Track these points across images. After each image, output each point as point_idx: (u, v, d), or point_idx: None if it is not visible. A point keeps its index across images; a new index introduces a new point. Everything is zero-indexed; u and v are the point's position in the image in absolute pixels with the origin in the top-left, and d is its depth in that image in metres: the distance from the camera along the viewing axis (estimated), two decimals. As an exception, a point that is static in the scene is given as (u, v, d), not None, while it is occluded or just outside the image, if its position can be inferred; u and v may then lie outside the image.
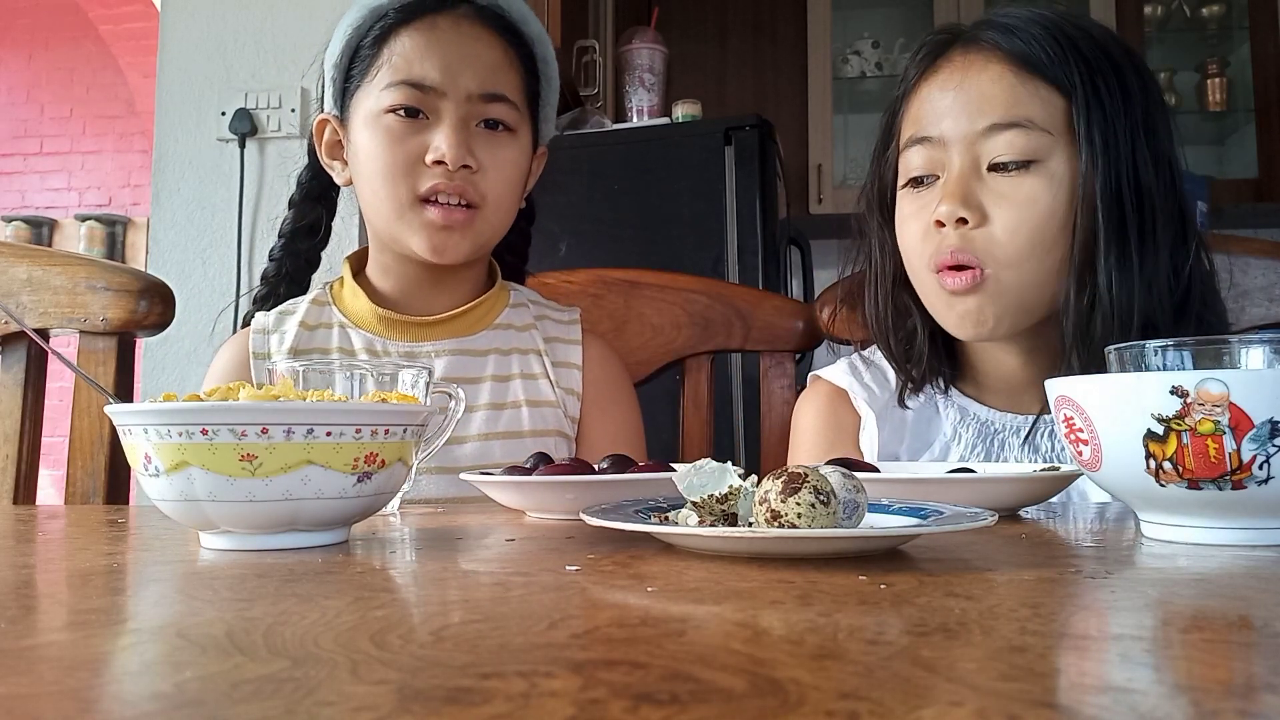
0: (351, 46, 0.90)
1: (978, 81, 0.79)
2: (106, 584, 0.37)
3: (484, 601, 0.32)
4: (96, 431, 0.94)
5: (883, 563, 0.39)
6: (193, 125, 1.94)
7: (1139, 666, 0.24)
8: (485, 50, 0.89)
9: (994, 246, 0.77)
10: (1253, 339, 0.50)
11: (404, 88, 0.86)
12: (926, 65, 0.83)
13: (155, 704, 0.21)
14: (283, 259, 1.00)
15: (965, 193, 0.77)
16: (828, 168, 2.98)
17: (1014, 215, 0.77)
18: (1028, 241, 0.77)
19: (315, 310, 0.94)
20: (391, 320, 0.92)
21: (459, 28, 0.88)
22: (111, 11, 4.45)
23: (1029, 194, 0.77)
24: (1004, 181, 0.77)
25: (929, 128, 0.80)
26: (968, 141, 0.78)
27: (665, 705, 0.20)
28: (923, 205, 0.80)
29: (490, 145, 0.88)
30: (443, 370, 0.91)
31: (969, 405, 0.86)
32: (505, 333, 0.95)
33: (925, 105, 0.81)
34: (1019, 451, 0.82)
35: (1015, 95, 0.77)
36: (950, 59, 0.82)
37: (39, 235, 4.75)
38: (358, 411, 0.45)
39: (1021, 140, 0.77)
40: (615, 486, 0.56)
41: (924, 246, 0.80)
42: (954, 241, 0.77)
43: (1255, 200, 2.87)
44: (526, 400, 0.92)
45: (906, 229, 0.83)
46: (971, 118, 0.78)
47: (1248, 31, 2.95)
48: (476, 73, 0.87)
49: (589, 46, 2.40)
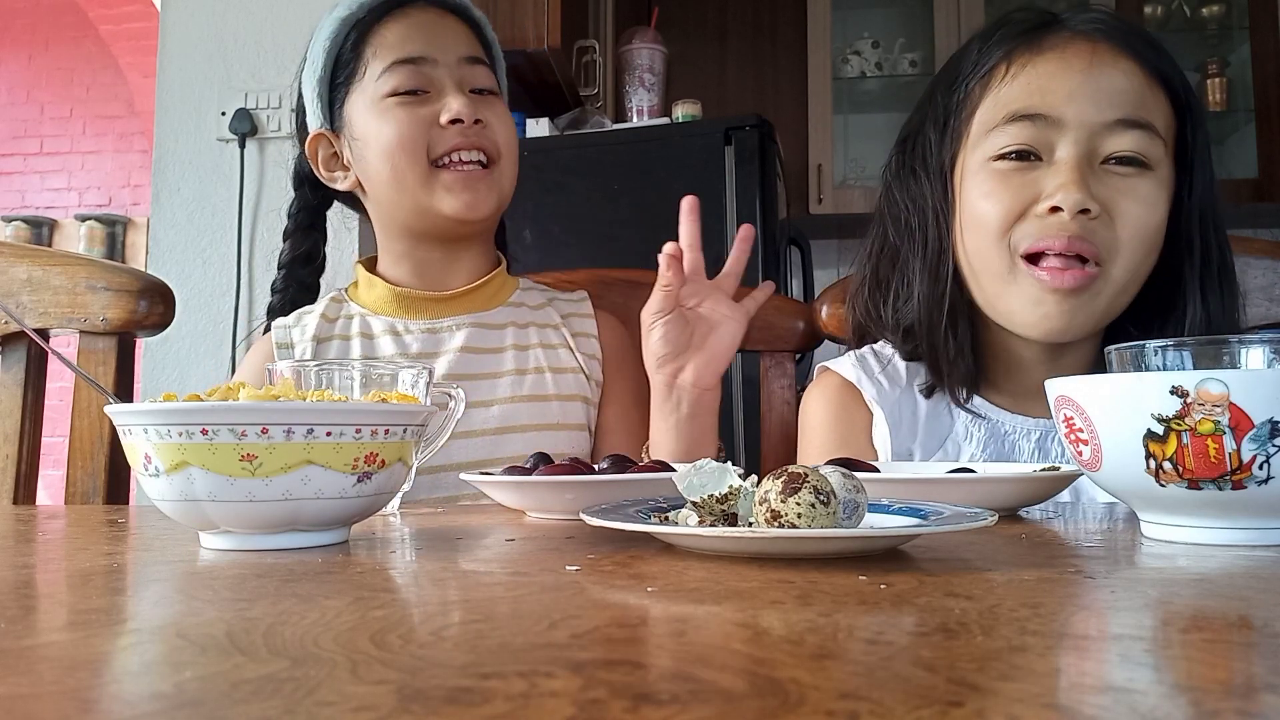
0: (333, 57, 0.96)
1: (1109, 73, 0.75)
2: (106, 584, 0.37)
3: (484, 601, 0.32)
4: (96, 431, 0.94)
5: (883, 563, 0.39)
6: (193, 125, 1.94)
7: (1139, 666, 0.24)
8: (455, 24, 0.97)
9: (1114, 242, 0.74)
10: (1253, 339, 0.50)
11: (398, 67, 0.92)
12: (1025, 41, 0.78)
13: (155, 704, 0.21)
14: (285, 289, 1.05)
15: (1087, 182, 0.73)
16: (828, 168, 2.98)
17: (1136, 214, 0.74)
18: (1142, 244, 0.75)
19: (334, 306, 1.00)
20: (410, 299, 0.97)
21: (427, 12, 0.96)
22: (111, 11, 4.45)
23: (1148, 194, 0.74)
24: (1118, 178, 0.74)
25: (1043, 105, 0.75)
26: (1090, 129, 0.74)
27: (665, 705, 0.20)
28: (1024, 184, 0.75)
29: (486, 106, 0.94)
30: (463, 340, 0.95)
31: (980, 405, 0.84)
32: (520, 310, 1.01)
33: (1039, 81, 0.76)
34: (1029, 456, 0.81)
35: (1143, 97, 0.75)
36: (1064, 40, 0.77)
37: (39, 235, 4.75)
38: (358, 411, 0.45)
39: (1145, 142, 0.74)
40: (615, 486, 0.57)
41: (1015, 230, 0.75)
42: (1075, 228, 0.72)
43: (1255, 200, 2.87)
44: (550, 366, 0.97)
45: (989, 203, 0.77)
46: (1100, 107, 0.74)
47: (1248, 31, 2.95)
48: (459, 41, 0.95)
49: (589, 46, 2.40)
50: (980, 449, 0.82)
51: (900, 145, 0.88)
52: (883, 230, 0.87)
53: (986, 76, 0.79)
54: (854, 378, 0.87)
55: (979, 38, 0.82)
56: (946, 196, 0.82)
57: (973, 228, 0.78)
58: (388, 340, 0.96)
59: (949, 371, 0.82)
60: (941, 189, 0.82)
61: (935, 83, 0.86)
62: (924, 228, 0.83)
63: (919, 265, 0.83)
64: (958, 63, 0.83)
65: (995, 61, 0.79)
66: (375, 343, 0.96)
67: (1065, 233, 0.73)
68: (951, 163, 0.82)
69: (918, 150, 0.85)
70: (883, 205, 0.88)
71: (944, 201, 0.82)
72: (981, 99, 0.79)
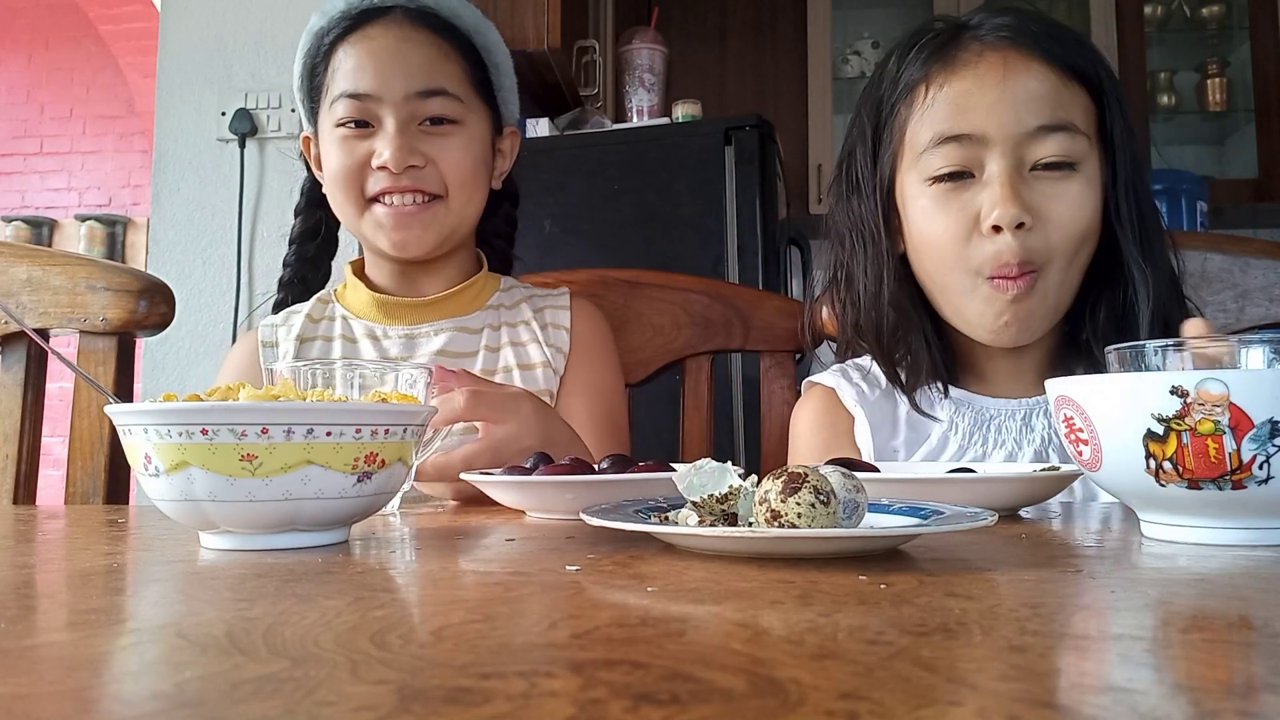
0: (307, 69, 0.96)
1: (1023, 81, 0.77)
2: (106, 584, 0.37)
3: (484, 601, 0.32)
4: (96, 431, 0.94)
5: (883, 563, 0.39)
6: (193, 125, 1.94)
7: (1139, 666, 0.24)
8: (416, 49, 0.93)
9: (1049, 249, 0.76)
10: (1253, 339, 0.50)
11: (344, 100, 0.91)
12: (940, 59, 0.80)
13: (155, 704, 0.21)
14: (295, 264, 1.06)
15: (1020, 195, 0.76)
16: (828, 168, 2.97)
17: (1066, 217, 0.76)
18: (1074, 244, 0.77)
19: (320, 307, 1.01)
20: (389, 305, 0.98)
21: (389, 33, 0.92)
22: (111, 11, 4.45)
23: (1075, 196, 0.77)
24: (1047, 184, 0.77)
25: (966, 125, 0.77)
26: (1014, 142, 0.76)
27: (665, 705, 0.20)
28: (962, 205, 0.78)
29: (436, 141, 0.92)
30: (440, 345, 0.96)
31: (962, 394, 0.86)
32: (497, 311, 1.01)
33: (959, 100, 0.78)
34: (1016, 434, 0.83)
35: (1060, 97, 0.77)
36: (976, 55, 0.79)
37: (39, 235, 4.75)
38: (358, 411, 0.45)
39: (1068, 143, 0.76)
40: (615, 486, 0.56)
41: (968, 250, 0.78)
42: (1018, 249, 0.75)
43: (1255, 200, 2.87)
44: (518, 364, 0.97)
45: (935, 227, 0.79)
46: (1019, 117, 0.76)
47: (1248, 31, 2.95)
48: (411, 73, 0.91)
49: (589, 46, 2.40)
50: (967, 439, 0.84)
51: (838, 167, 0.90)
52: (836, 247, 0.90)
53: (909, 96, 0.81)
54: (833, 383, 0.90)
55: (896, 55, 0.84)
56: (880, 215, 0.84)
57: (926, 251, 0.81)
58: (367, 344, 0.97)
59: (908, 376, 0.85)
60: (875, 207, 0.84)
61: (861, 102, 0.88)
62: (864, 245, 0.86)
63: (864, 281, 0.86)
64: (879, 82, 0.85)
65: (915, 81, 0.81)
66: (356, 346, 0.97)
67: (1014, 256, 0.76)
68: (890, 181, 0.84)
69: (852, 172, 0.87)
70: (831, 226, 0.90)
71: (878, 220, 0.84)
72: (908, 119, 0.82)
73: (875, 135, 0.85)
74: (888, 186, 0.84)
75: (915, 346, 0.85)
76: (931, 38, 0.82)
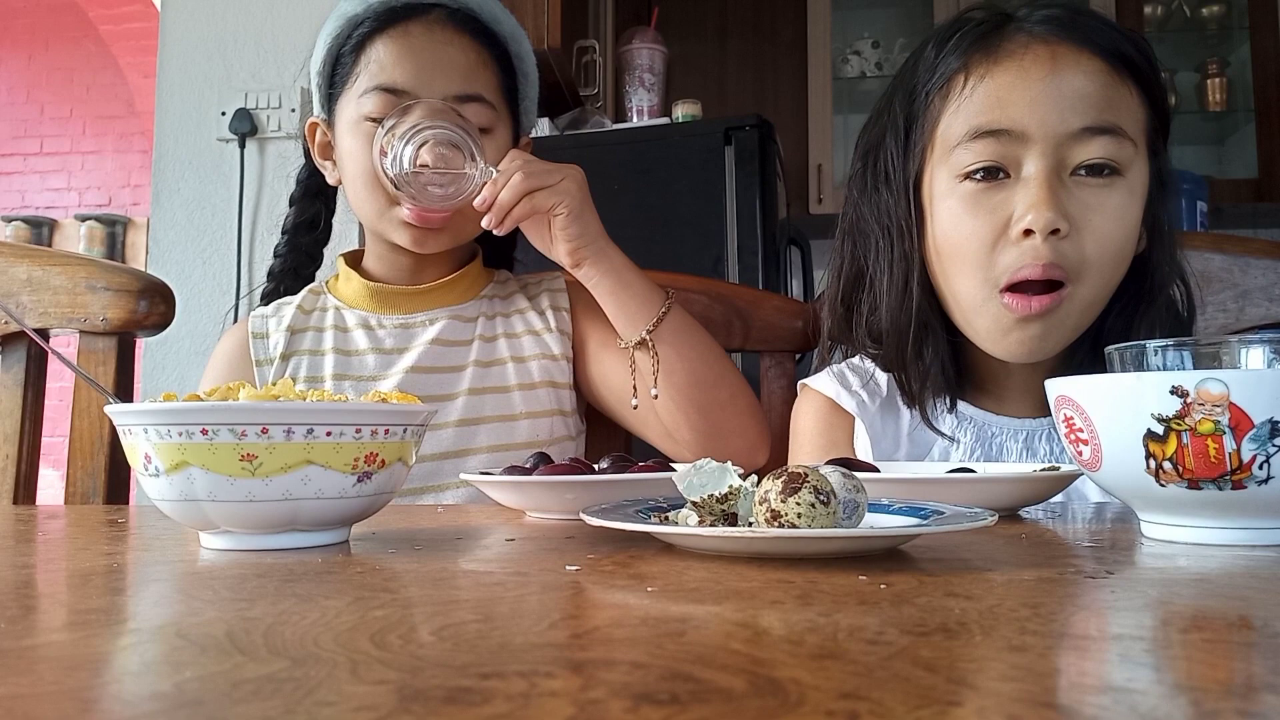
0: (333, 54, 0.94)
1: (1071, 77, 0.71)
2: (106, 584, 0.37)
3: (484, 601, 0.32)
4: (96, 431, 0.94)
5: (883, 563, 0.39)
6: (193, 125, 1.94)
7: (1139, 666, 0.24)
8: (458, 53, 0.91)
9: (1082, 261, 0.71)
10: (1253, 339, 0.50)
11: (379, 93, 0.89)
12: (982, 48, 0.75)
13: (155, 704, 0.21)
14: (287, 254, 1.05)
15: (1058, 199, 0.70)
16: (828, 168, 2.98)
17: (1106, 228, 0.71)
18: (1112, 258, 0.72)
19: (311, 298, 1.00)
20: (384, 293, 0.98)
21: (432, 33, 0.91)
22: (111, 11, 4.45)
23: (1118, 206, 0.72)
24: (1088, 190, 0.72)
25: (1005, 119, 0.72)
26: (1055, 141, 0.71)
27: (665, 705, 0.20)
28: (993, 207, 0.73)
29: None
30: (435, 334, 0.95)
31: (965, 409, 0.83)
32: (491, 301, 1.01)
33: (999, 93, 0.73)
34: (1018, 456, 0.81)
35: (1109, 98, 0.72)
36: (1022, 46, 0.73)
37: (39, 235, 4.75)
38: (358, 411, 0.45)
39: (1114, 147, 0.71)
40: (615, 486, 0.57)
41: (992, 257, 0.73)
42: (1047, 254, 0.70)
43: (1255, 200, 2.87)
44: (512, 356, 0.96)
45: (963, 229, 0.74)
46: (1064, 116, 0.71)
47: (1248, 31, 2.95)
48: (450, 76, 0.90)
49: (589, 46, 2.40)
50: (969, 454, 0.81)
51: (863, 158, 0.84)
52: (850, 244, 0.85)
53: (945, 87, 0.76)
54: (832, 393, 0.87)
55: (935, 43, 0.79)
56: (911, 211, 0.79)
57: (949, 254, 0.76)
58: (361, 334, 0.96)
59: (920, 387, 0.81)
60: (906, 203, 0.79)
61: (893, 90, 0.82)
62: (890, 243, 0.80)
63: (887, 281, 0.81)
64: (914, 69, 0.80)
65: (953, 71, 0.76)
66: (349, 335, 0.96)
67: (1040, 260, 0.70)
68: (918, 177, 0.79)
69: (880, 164, 0.82)
70: (849, 220, 0.85)
71: (909, 216, 0.79)
72: (942, 111, 0.76)
73: (907, 125, 0.79)
74: (915, 182, 0.79)
75: (931, 356, 0.80)
76: (974, 26, 0.76)
